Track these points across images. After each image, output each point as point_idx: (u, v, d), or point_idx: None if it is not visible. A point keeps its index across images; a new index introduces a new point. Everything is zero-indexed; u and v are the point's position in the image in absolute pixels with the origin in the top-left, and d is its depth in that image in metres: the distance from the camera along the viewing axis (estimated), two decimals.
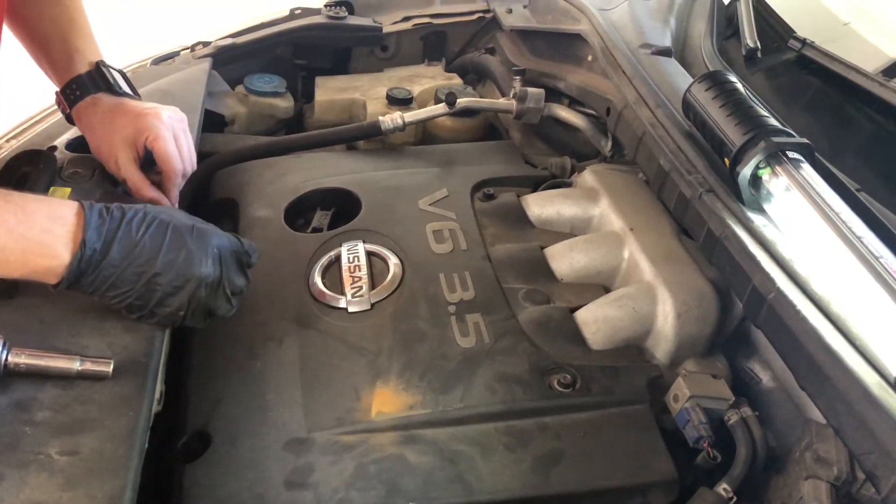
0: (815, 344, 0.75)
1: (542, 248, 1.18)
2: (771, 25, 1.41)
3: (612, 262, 1.13)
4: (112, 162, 1.07)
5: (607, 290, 1.12)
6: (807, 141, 0.90)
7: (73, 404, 0.77)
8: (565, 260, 1.14)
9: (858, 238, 0.75)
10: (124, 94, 1.11)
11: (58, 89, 1.10)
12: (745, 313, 0.90)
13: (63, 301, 0.87)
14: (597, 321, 1.04)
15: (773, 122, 0.91)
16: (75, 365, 0.79)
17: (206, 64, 1.52)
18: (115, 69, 1.13)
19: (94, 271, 0.80)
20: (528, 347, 0.99)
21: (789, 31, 1.31)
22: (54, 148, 1.15)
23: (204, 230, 0.89)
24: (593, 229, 1.23)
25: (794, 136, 0.90)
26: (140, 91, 1.37)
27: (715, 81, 0.99)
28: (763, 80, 1.27)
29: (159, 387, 0.85)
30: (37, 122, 1.28)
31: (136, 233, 0.82)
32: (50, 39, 1.08)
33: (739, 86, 0.98)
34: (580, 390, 0.95)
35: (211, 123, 1.51)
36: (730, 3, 1.55)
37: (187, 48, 1.63)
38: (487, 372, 0.96)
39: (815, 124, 1.15)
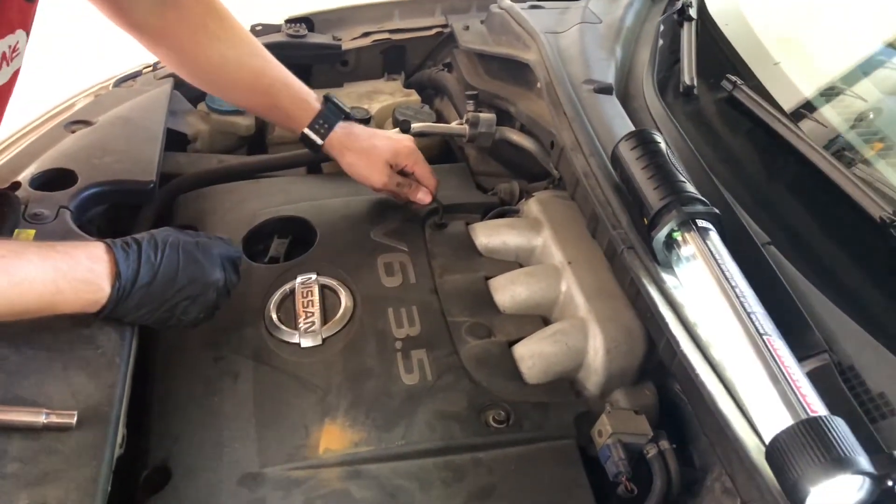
0: (710, 404, 0.83)
1: (488, 278, 1.25)
2: (714, 56, 1.48)
3: (551, 295, 1.21)
4: (375, 177, 1.32)
5: (546, 321, 1.20)
6: (716, 211, 0.97)
7: (39, 456, 0.84)
8: (507, 292, 1.22)
9: (748, 314, 0.83)
10: (351, 119, 1.36)
11: (303, 129, 1.31)
12: (662, 358, 0.99)
13: (30, 352, 0.93)
14: (532, 356, 1.11)
15: (688, 188, 0.98)
16: (41, 418, 0.85)
17: (168, 86, 1.55)
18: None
19: (128, 296, 0.95)
20: (468, 385, 1.07)
21: (728, 66, 1.37)
22: (18, 184, 1.19)
23: (206, 243, 1.04)
24: (536, 259, 1.30)
25: (705, 205, 0.97)
26: (102, 118, 1.42)
27: (640, 141, 1.05)
28: (696, 119, 1.33)
29: (121, 431, 0.92)
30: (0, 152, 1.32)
31: (155, 257, 0.97)
32: (278, 91, 1.30)
33: (663, 146, 1.05)
34: (513, 426, 1.03)
35: (173, 142, 1.54)
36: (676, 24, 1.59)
37: (149, 66, 1.66)
38: (428, 410, 1.03)
39: (739, 170, 1.22)
